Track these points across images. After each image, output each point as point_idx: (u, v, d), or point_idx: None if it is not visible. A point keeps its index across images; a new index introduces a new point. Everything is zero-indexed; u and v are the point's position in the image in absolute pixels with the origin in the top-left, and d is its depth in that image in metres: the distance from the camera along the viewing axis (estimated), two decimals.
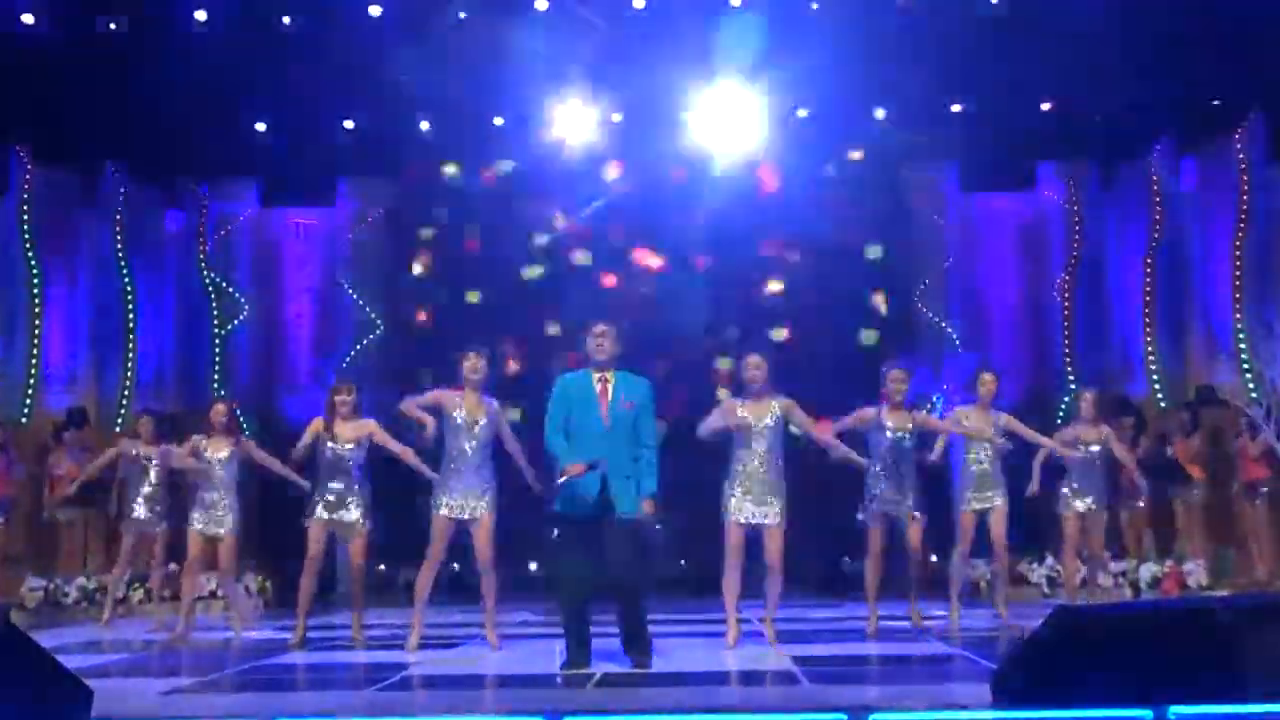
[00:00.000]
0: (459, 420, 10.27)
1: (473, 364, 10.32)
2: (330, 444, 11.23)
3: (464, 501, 10.26)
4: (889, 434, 11.31)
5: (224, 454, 12.41)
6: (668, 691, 7.93)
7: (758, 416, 10.26)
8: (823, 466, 10.64)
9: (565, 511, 8.93)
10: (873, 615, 11.42)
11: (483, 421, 10.29)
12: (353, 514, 11.29)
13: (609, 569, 8.87)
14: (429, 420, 10.26)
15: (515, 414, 14.26)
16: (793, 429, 10.54)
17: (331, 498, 11.24)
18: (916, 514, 11.37)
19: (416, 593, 10.57)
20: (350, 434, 11.26)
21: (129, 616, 15.29)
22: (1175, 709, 5.51)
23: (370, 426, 11.36)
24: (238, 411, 13.66)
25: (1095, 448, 12.72)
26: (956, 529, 12.42)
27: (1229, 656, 5.63)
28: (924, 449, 11.91)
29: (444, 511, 10.28)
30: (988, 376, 12.19)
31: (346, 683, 8.99)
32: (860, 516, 11.51)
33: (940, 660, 9.49)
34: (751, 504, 10.22)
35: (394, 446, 11.17)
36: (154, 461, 13.97)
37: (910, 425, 11.41)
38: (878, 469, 11.36)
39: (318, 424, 11.33)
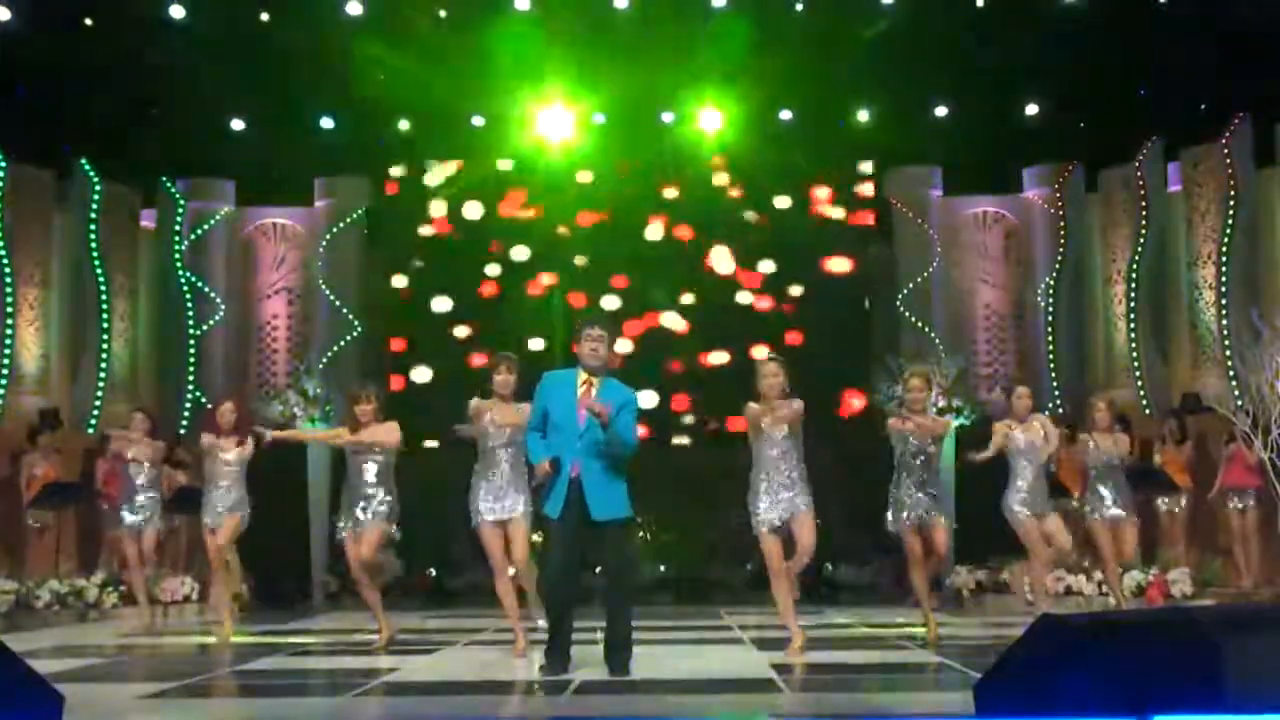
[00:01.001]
0: (490, 428, 10.16)
1: (504, 378, 10.19)
2: (355, 454, 11.10)
3: (497, 506, 10.12)
4: (912, 441, 11.17)
5: (232, 454, 12.28)
6: (646, 699, 7.84)
7: (775, 422, 10.14)
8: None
9: (547, 516, 8.83)
10: (930, 623, 11.25)
11: (514, 428, 10.14)
12: (369, 515, 11.14)
13: (596, 574, 8.78)
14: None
15: None
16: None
17: (358, 506, 11.12)
18: (944, 519, 11.12)
19: (505, 605, 10.32)
20: (374, 441, 11.15)
21: (102, 621, 15.14)
22: (1159, 718, 5.42)
23: (394, 431, 11.23)
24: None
25: (1116, 455, 12.58)
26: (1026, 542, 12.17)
27: (1213, 666, 5.54)
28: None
29: (489, 519, 10.12)
30: (1023, 390, 12.06)
31: (323, 688, 8.92)
32: (890, 526, 11.29)
33: (923, 668, 9.41)
34: (777, 507, 10.01)
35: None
36: (146, 464, 13.78)
37: (934, 431, 11.21)
38: (904, 477, 11.15)
39: (341, 433, 11.22)
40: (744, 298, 19.71)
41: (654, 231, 19.78)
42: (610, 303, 19.31)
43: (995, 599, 15.47)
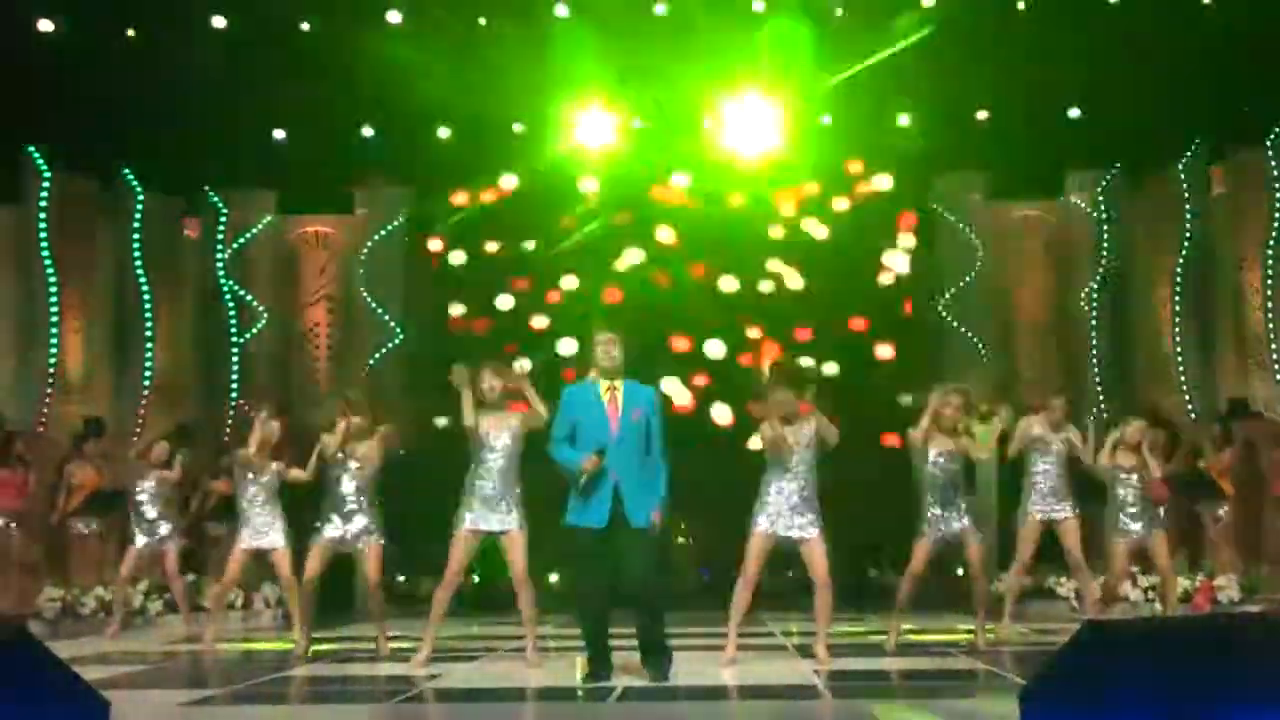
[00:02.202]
0: (480, 436, 10.00)
1: (489, 383, 10.09)
2: (342, 459, 11.09)
3: (489, 516, 9.96)
4: (937, 456, 11.07)
5: (267, 475, 12.32)
6: (690, 706, 7.83)
7: (795, 434, 9.97)
8: (849, 479, 10.37)
9: (579, 524, 8.78)
10: (893, 629, 11.20)
11: (505, 438, 9.97)
12: (361, 524, 11.11)
13: (626, 581, 8.73)
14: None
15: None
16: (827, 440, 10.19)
17: (342, 512, 11.09)
18: (974, 537, 11.04)
19: (433, 608, 10.19)
20: (362, 449, 11.15)
21: (147, 628, 15.22)
22: None
23: (378, 435, 11.24)
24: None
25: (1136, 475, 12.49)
26: (1017, 539, 12.15)
27: (1260, 672, 5.48)
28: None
29: (466, 526, 9.94)
30: (1057, 402, 12.00)
31: (366, 695, 8.93)
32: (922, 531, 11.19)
33: (966, 675, 9.36)
34: (785, 519, 9.91)
35: (386, 442, 11.21)
36: (153, 488, 14.00)
37: (957, 448, 11.05)
38: (926, 492, 11.06)
39: (326, 441, 11.24)
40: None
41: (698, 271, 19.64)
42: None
43: (1040, 605, 15.39)
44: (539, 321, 19.36)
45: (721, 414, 18.66)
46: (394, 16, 18.38)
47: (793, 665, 9.88)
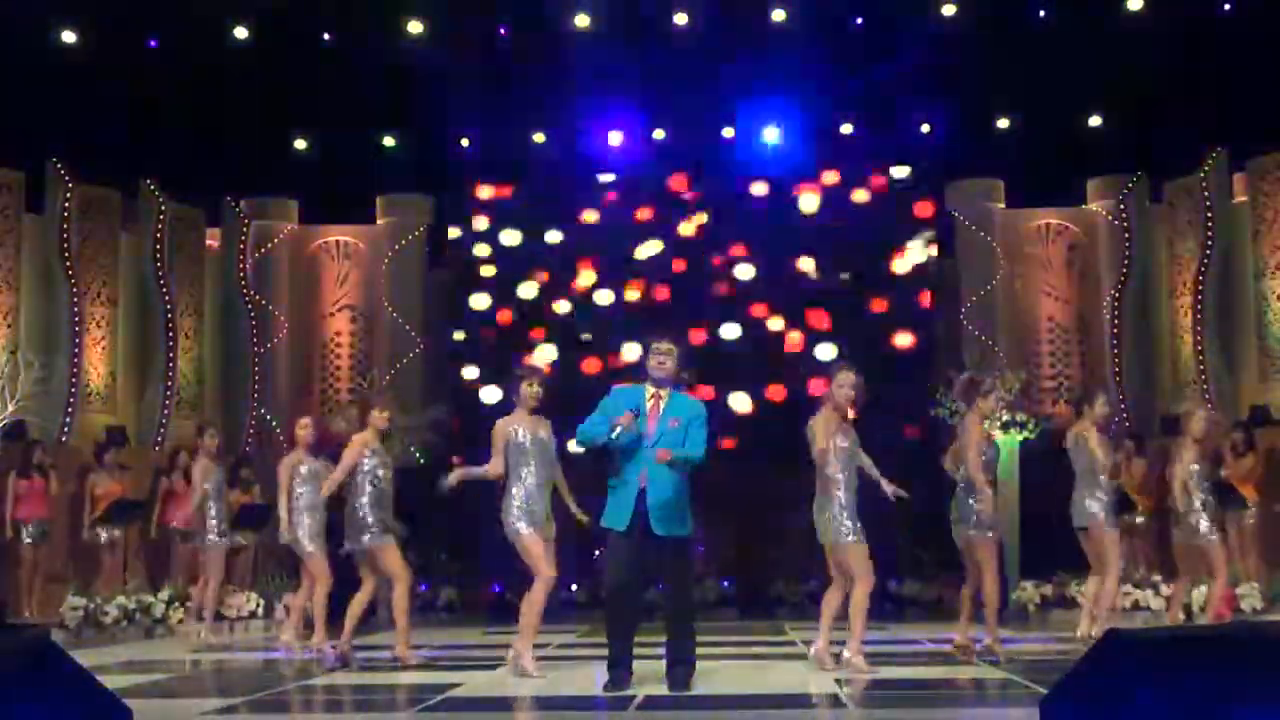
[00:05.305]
0: (522, 441, 9.88)
1: (534, 390, 9.99)
2: (366, 464, 11.10)
3: (535, 518, 9.84)
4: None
5: (306, 468, 12.35)
6: (710, 715, 7.82)
7: (844, 438, 9.88)
8: (870, 486, 10.29)
9: (609, 528, 8.78)
10: (960, 634, 11.10)
11: (544, 437, 9.94)
12: (384, 533, 11.11)
13: (656, 588, 8.74)
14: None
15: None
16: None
17: (370, 519, 11.09)
18: (973, 532, 10.82)
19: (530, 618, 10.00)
20: (386, 454, 11.17)
21: (169, 636, 15.26)
22: None
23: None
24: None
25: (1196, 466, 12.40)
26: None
27: None
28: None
29: (527, 529, 9.79)
30: (1101, 398, 11.84)
31: (388, 704, 8.93)
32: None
33: (989, 684, 9.33)
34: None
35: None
36: (214, 480, 13.93)
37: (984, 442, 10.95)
38: (957, 490, 10.93)
39: (359, 440, 11.23)
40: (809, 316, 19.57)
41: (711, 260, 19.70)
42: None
43: (1061, 613, 15.34)
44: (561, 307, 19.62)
45: (740, 402, 18.82)
46: (415, 27, 18.42)
47: (814, 674, 9.86)
